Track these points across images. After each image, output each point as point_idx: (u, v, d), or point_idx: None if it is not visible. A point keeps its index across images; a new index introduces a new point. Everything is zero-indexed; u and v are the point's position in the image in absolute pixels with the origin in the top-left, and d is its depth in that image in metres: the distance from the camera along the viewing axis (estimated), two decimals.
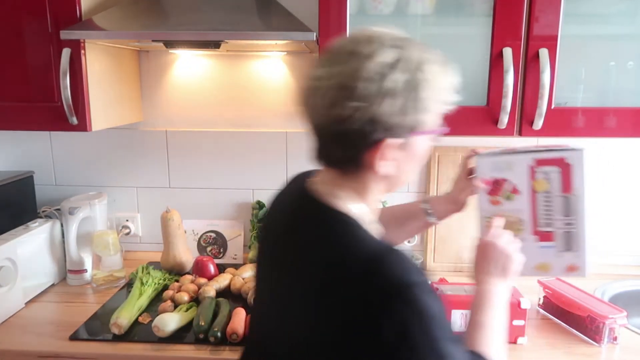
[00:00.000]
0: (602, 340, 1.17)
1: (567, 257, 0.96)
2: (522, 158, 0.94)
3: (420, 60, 0.69)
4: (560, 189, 0.93)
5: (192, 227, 1.72)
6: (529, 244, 0.95)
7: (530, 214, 0.96)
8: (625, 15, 1.24)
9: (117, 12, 1.29)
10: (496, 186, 0.97)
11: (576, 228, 0.95)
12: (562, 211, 0.94)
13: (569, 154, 0.91)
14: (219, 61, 1.64)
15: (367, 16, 1.26)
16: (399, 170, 0.73)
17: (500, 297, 0.87)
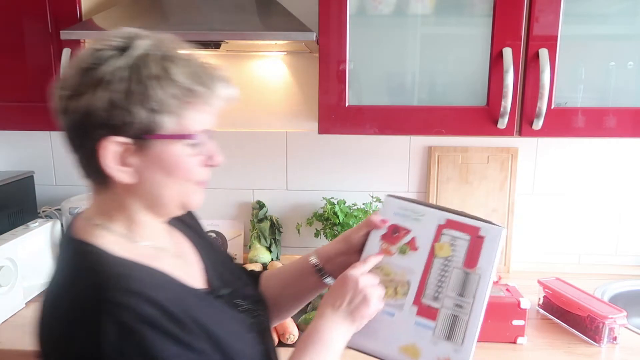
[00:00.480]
0: (602, 340, 1.17)
1: (443, 348, 0.75)
2: (433, 212, 0.82)
3: (155, 54, 0.63)
4: (462, 260, 0.78)
5: None
6: (405, 316, 0.77)
7: (420, 278, 0.79)
8: (625, 15, 1.24)
9: (117, 12, 1.29)
10: (394, 233, 0.82)
11: (467, 314, 0.75)
12: (456, 288, 0.77)
13: (487, 226, 0.80)
14: (219, 61, 1.64)
15: (367, 16, 1.26)
16: (145, 182, 0.66)
17: (336, 342, 0.74)
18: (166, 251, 0.73)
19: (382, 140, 1.64)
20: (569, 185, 1.63)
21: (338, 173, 1.67)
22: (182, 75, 0.64)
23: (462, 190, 1.62)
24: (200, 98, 0.66)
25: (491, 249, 0.78)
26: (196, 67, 0.67)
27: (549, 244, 1.67)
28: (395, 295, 0.79)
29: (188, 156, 0.67)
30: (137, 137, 0.63)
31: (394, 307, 0.78)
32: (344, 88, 1.24)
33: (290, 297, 0.92)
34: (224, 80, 0.71)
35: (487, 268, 0.77)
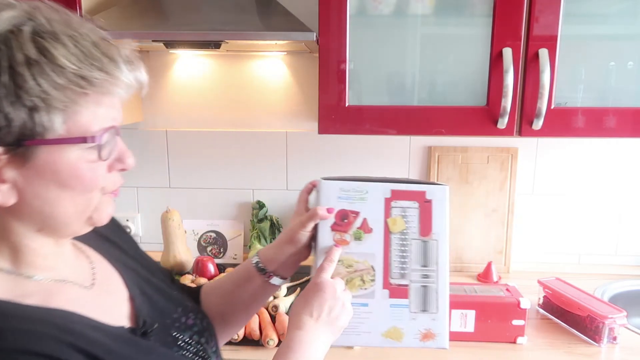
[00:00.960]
0: (602, 340, 1.17)
1: (422, 321, 0.76)
2: (377, 186, 0.78)
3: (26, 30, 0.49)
4: (418, 230, 0.77)
5: (192, 227, 1.72)
6: (378, 302, 0.76)
7: (383, 260, 0.77)
8: (625, 15, 1.24)
9: (117, 12, 1.29)
10: (344, 220, 0.77)
11: (435, 282, 0.76)
12: (419, 259, 0.77)
13: (431, 188, 0.78)
14: (219, 61, 1.64)
15: (367, 16, 1.26)
16: (31, 200, 0.52)
17: (320, 354, 0.69)
18: (71, 283, 0.59)
19: (382, 140, 1.64)
20: (569, 185, 1.63)
21: (338, 173, 1.66)
22: (70, 57, 0.50)
23: (462, 190, 1.62)
24: (99, 87, 0.52)
25: (441, 210, 0.77)
26: (89, 46, 0.52)
27: (549, 244, 1.67)
28: (364, 284, 0.77)
29: (89, 162, 0.54)
30: (12, 145, 0.49)
31: (365, 297, 0.76)
32: (344, 88, 1.24)
33: (238, 307, 0.83)
34: (129, 60, 0.55)
35: (442, 231, 0.77)
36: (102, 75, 0.52)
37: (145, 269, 0.74)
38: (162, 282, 0.76)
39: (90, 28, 0.54)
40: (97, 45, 0.53)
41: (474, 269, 1.63)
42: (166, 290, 0.74)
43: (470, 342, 1.19)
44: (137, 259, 0.75)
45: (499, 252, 1.63)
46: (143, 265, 0.75)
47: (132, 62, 0.56)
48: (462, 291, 1.23)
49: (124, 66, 0.54)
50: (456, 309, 1.18)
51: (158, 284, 0.74)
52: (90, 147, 0.54)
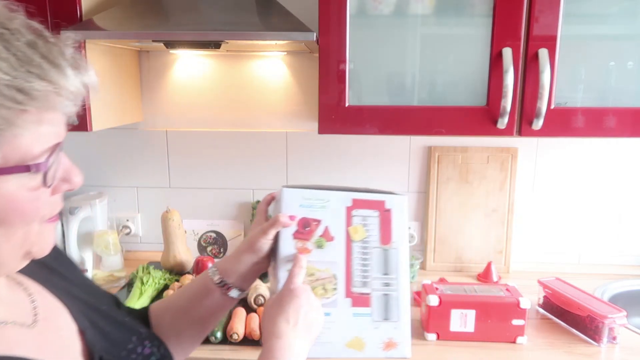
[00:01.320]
0: (602, 340, 1.17)
1: (384, 330, 0.76)
2: (338, 195, 0.78)
3: None
4: (378, 238, 0.78)
5: (192, 227, 1.72)
6: (341, 311, 0.75)
7: (345, 269, 0.76)
8: (625, 15, 1.24)
9: (117, 12, 1.29)
10: (305, 228, 0.77)
11: (396, 290, 0.77)
12: (380, 268, 0.77)
13: (390, 197, 0.79)
14: (219, 61, 1.64)
15: (367, 16, 1.26)
16: None
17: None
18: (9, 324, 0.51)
19: (382, 140, 1.64)
20: (569, 185, 1.63)
21: (338, 173, 1.67)
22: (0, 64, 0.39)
23: (462, 190, 1.62)
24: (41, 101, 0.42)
25: (400, 219, 0.78)
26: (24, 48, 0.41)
27: (549, 244, 1.67)
28: (326, 293, 0.76)
29: (30, 190, 0.45)
30: None
31: (328, 307, 0.75)
32: (344, 88, 1.24)
33: (195, 325, 0.78)
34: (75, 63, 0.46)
35: (402, 240, 0.78)
36: (44, 85, 0.41)
37: (91, 297, 0.67)
38: (111, 309, 0.70)
39: (22, 22, 0.43)
40: (34, 45, 0.42)
41: (474, 269, 1.63)
42: (117, 318, 0.68)
43: (470, 342, 1.19)
44: (81, 287, 0.67)
45: (499, 252, 1.63)
46: (89, 293, 0.67)
47: (78, 64, 0.46)
48: (462, 291, 1.23)
49: (69, 71, 0.44)
50: (456, 309, 1.18)
51: (108, 312, 0.67)
52: (30, 175, 0.44)
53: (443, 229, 1.64)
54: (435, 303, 1.19)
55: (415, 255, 1.61)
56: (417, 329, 1.26)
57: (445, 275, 1.56)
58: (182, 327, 0.78)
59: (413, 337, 1.22)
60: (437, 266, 1.65)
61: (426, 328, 1.21)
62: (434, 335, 1.20)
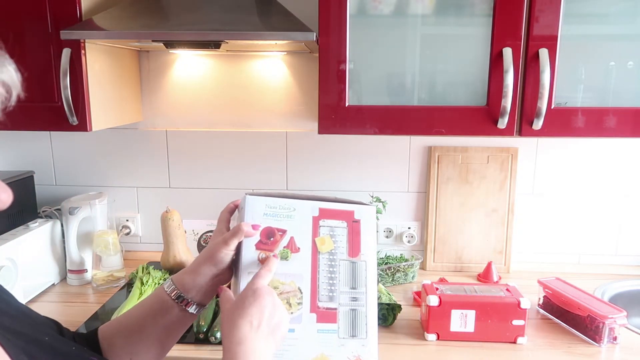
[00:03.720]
0: (602, 340, 1.17)
1: (351, 347, 0.72)
2: (305, 204, 0.75)
3: None
4: (346, 250, 0.74)
5: (192, 227, 1.72)
6: (305, 327, 0.71)
7: (311, 282, 0.72)
8: (625, 15, 1.24)
9: (117, 12, 1.29)
10: (270, 238, 0.73)
11: (364, 305, 0.73)
12: (348, 281, 0.73)
13: (359, 208, 0.75)
14: (219, 61, 1.64)
15: (367, 16, 1.26)
16: None
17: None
18: None
19: (382, 140, 1.64)
20: (569, 185, 1.63)
21: (338, 173, 1.67)
22: None
23: (462, 190, 1.62)
24: None
25: (369, 230, 0.75)
26: None
27: (549, 244, 1.67)
28: (290, 308, 0.71)
29: None
30: None
31: (292, 322, 0.71)
32: (344, 88, 1.24)
33: (151, 345, 0.73)
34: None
35: (370, 252, 0.74)
36: None
37: (30, 328, 0.61)
38: (54, 340, 0.63)
39: None
40: None
41: (474, 269, 1.63)
42: (61, 349, 0.62)
43: (470, 342, 1.19)
44: (17, 318, 0.61)
45: (499, 252, 1.63)
46: (27, 324, 0.62)
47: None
48: (462, 291, 1.23)
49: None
50: (456, 309, 1.18)
51: (51, 343, 0.61)
52: None
53: (443, 229, 1.64)
54: (435, 303, 1.19)
55: (415, 255, 1.61)
56: (417, 329, 1.26)
57: (445, 275, 1.56)
58: (137, 348, 0.72)
59: (413, 338, 1.23)
60: (437, 266, 1.65)
61: (426, 328, 1.21)
62: (434, 336, 1.20)
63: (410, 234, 1.68)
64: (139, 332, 0.73)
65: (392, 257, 1.60)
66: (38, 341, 0.59)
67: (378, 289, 1.33)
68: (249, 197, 0.75)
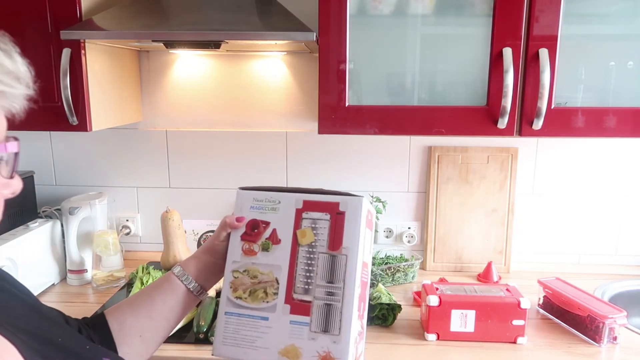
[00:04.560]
0: (602, 340, 1.17)
1: (321, 342, 0.71)
2: (289, 197, 0.76)
3: None
4: (326, 243, 0.73)
5: (192, 227, 1.72)
6: (278, 317, 0.73)
7: (288, 274, 0.74)
8: (625, 15, 1.24)
9: (117, 12, 1.29)
10: (254, 230, 0.76)
11: (339, 301, 0.71)
12: (325, 275, 0.72)
13: (345, 199, 0.73)
14: (219, 61, 1.64)
15: (367, 16, 1.26)
16: None
17: None
18: None
19: (382, 140, 1.64)
20: (569, 185, 1.63)
21: (338, 173, 1.67)
22: None
23: (462, 190, 1.62)
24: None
25: (354, 223, 0.72)
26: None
27: (549, 244, 1.67)
28: (267, 297, 0.73)
29: None
30: None
31: (266, 311, 0.73)
32: (344, 88, 1.24)
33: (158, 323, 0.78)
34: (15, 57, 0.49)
35: (353, 246, 0.72)
36: None
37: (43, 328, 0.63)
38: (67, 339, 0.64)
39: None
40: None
41: (474, 269, 1.63)
42: (76, 350, 0.64)
43: (470, 342, 1.19)
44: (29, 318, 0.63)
45: (499, 252, 1.63)
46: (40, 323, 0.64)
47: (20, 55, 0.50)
48: (462, 291, 1.23)
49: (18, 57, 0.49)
50: (456, 309, 1.18)
51: (65, 344, 0.62)
52: None
53: (443, 229, 1.64)
54: (435, 303, 1.19)
55: (415, 255, 1.61)
56: (417, 329, 1.26)
57: (445, 275, 1.56)
58: (145, 326, 0.77)
59: (413, 338, 1.23)
60: (437, 266, 1.65)
61: (426, 328, 1.21)
62: (434, 336, 1.20)
63: (410, 234, 1.68)
64: (148, 311, 0.77)
65: (392, 257, 1.60)
66: (52, 342, 0.61)
67: (378, 289, 1.33)
68: (239, 191, 0.78)
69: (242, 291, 0.74)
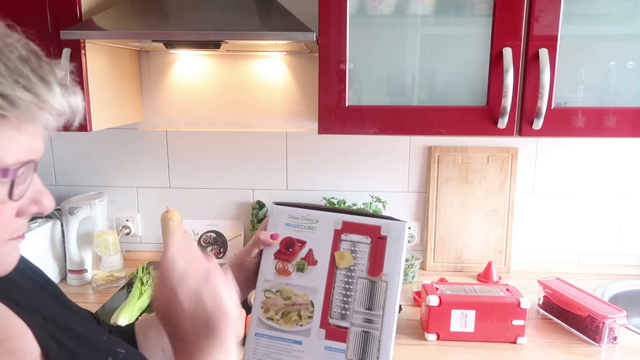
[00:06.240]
0: (602, 340, 1.17)
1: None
2: (328, 216, 0.73)
3: None
4: (366, 268, 0.70)
5: (192, 227, 1.72)
6: (313, 342, 0.70)
7: (324, 297, 0.70)
8: (625, 15, 1.24)
9: (117, 12, 1.29)
10: (289, 249, 0.72)
11: (378, 329, 0.69)
12: (364, 301, 0.70)
13: (387, 223, 0.71)
14: (219, 61, 1.64)
15: (367, 16, 1.26)
16: None
17: None
18: None
19: (382, 140, 1.64)
20: (569, 185, 1.63)
21: (338, 173, 1.67)
22: None
23: (462, 190, 1.62)
24: (22, 110, 0.43)
25: (396, 249, 0.70)
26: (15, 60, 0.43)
27: (549, 244, 1.67)
28: (300, 320, 0.70)
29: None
30: None
31: (300, 334, 0.70)
32: (344, 88, 1.24)
33: None
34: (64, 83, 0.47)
35: (394, 272, 0.70)
36: (29, 96, 0.43)
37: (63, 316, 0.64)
38: (84, 329, 0.64)
39: (18, 39, 0.46)
40: (27, 60, 0.44)
41: (474, 269, 1.63)
42: (91, 337, 0.64)
43: (470, 342, 1.19)
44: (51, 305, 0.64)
45: (499, 252, 1.63)
46: (60, 312, 0.64)
47: (66, 85, 0.47)
48: (462, 291, 1.23)
49: (57, 88, 0.45)
50: (456, 309, 1.18)
51: (80, 332, 0.62)
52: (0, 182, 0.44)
53: (443, 229, 1.64)
54: (435, 303, 1.19)
55: (415, 255, 1.61)
56: (417, 329, 1.26)
57: (445, 275, 1.56)
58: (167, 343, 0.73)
59: (413, 338, 1.23)
60: (437, 266, 1.65)
61: (426, 328, 1.21)
62: (434, 336, 1.20)
63: (410, 234, 1.68)
64: None
65: None
66: (68, 329, 0.61)
67: None
68: (274, 207, 0.75)
69: (274, 312, 0.71)
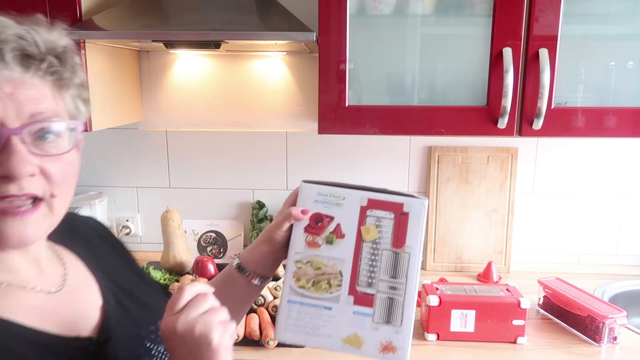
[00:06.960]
0: (602, 340, 1.17)
1: (384, 332, 0.76)
2: (354, 194, 0.79)
3: None
4: (390, 241, 0.77)
5: (192, 227, 1.72)
6: (342, 307, 0.76)
7: (352, 267, 0.77)
8: (625, 15, 1.24)
9: (117, 12, 1.29)
10: (318, 223, 0.79)
11: (402, 295, 0.76)
12: (388, 270, 0.76)
13: (409, 200, 0.77)
14: (219, 61, 1.64)
15: (367, 16, 1.26)
16: None
17: None
18: (29, 289, 0.56)
19: (382, 140, 1.64)
20: (569, 185, 1.63)
21: (338, 173, 1.67)
22: None
23: (462, 190, 1.62)
24: None
25: (416, 224, 0.76)
26: None
27: (549, 244, 1.67)
28: (330, 288, 0.77)
29: None
30: None
31: (330, 301, 0.76)
32: (344, 88, 1.24)
33: None
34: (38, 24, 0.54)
35: (415, 244, 0.76)
36: None
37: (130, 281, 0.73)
38: (146, 295, 0.72)
39: None
40: None
41: (474, 269, 1.63)
42: (147, 302, 0.71)
43: (470, 342, 1.19)
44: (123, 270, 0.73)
45: (499, 252, 1.63)
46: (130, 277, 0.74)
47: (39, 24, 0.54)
48: (462, 291, 1.23)
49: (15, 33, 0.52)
50: (456, 309, 1.18)
51: (140, 296, 0.71)
52: None
53: (443, 229, 1.64)
54: (435, 303, 1.19)
55: None
56: (417, 329, 1.26)
57: (445, 275, 1.56)
58: None
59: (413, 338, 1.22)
60: (437, 266, 1.65)
61: (426, 328, 1.21)
62: (434, 336, 1.20)
63: None
64: None
65: None
66: (130, 291, 0.70)
67: None
68: (303, 184, 0.80)
69: (305, 281, 0.77)
